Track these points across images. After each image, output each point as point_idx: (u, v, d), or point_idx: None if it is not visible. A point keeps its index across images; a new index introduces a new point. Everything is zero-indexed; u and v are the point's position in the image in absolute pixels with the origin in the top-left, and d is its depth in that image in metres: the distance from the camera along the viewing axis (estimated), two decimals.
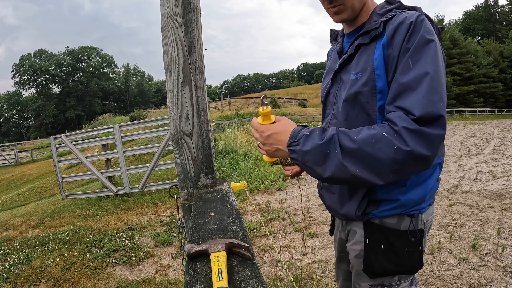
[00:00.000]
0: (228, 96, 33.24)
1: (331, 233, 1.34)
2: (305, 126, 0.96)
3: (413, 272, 1.04)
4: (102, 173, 6.95)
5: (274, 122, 0.97)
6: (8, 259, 3.88)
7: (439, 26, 1.00)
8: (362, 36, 1.01)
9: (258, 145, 1.01)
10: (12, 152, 24.56)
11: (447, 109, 27.69)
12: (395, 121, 0.81)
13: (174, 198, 1.43)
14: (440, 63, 0.86)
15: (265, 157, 1.05)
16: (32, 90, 67.07)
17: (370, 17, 1.02)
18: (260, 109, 0.98)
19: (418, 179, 0.99)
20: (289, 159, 0.98)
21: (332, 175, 0.83)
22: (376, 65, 0.93)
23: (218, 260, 0.68)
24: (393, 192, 0.98)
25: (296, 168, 1.10)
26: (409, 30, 0.88)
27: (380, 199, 1.00)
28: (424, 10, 0.97)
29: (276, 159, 1.04)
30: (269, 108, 0.98)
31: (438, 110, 0.80)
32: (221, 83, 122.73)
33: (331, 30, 1.25)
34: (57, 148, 7.11)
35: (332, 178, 0.84)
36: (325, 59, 1.34)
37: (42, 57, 65.90)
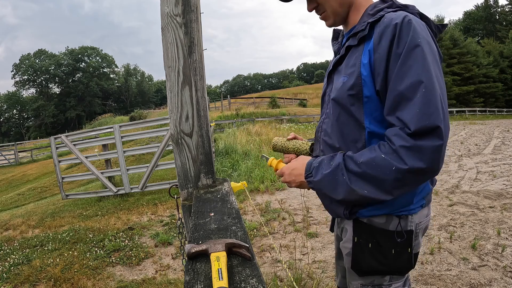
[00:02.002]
0: (228, 96, 33.25)
1: (332, 229, 1.35)
2: (316, 156, 1.05)
3: (402, 273, 1.03)
4: (102, 173, 6.95)
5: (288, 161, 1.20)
6: (8, 259, 3.88)
7: (439, 23, 0.98)
8: (351, 37, 1.01)
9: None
10: (12, 152, 24.56)
11: (447, 109, 27.74)
12: (393, 140, 0.84)
13: (174, 198, 1.43)
14: (432, 67, 0.84)
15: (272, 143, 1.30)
16: (32, 90, 67.18)
17: (361, 17, 1.02)
18: (268, 163, 1.26)
19: None
20: (289, 148, 1.25)
21: (344, 198, 0.92)
22: (363, 70, 0.93)
23: (218, 260, 0.68)
24: None
25: (293, 156, 1.25)
26: (395, 33, 0.87)
27: None
28: (425, 10, 0.96)
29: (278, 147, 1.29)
30: (273, 158, 1.26)
31: (433, 122, 0.80)
32: (221, 83, 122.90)
33: (334, 30, 1.26)
34: (57, 148, 7.11)
35: (345, 200, 0.93)
36: (325, 59, 1.35)
37: (42, 57, 65.90)
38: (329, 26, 1.09)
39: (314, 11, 1.08)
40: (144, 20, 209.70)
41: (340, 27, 1.19)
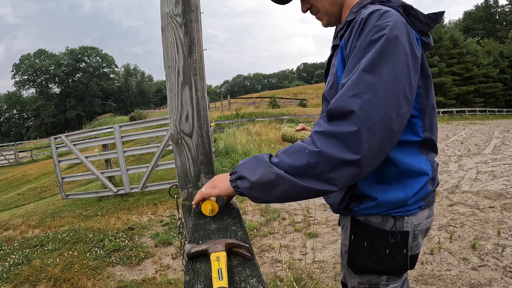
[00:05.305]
0: (228, 96, 33.29)
1: (340, 223, 1.35)
2: None
3: (396, 274, 1.02)
4: (102, 173, 6.95)
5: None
6: (8, 259, 3.88)
7: (431, 13, 0.93)
8: (336, 37, 1.03)
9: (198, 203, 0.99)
10: (12, 152, 24.56)
11: (447, 109, 27.76)
12: (312, 129, 0.83)
13: (174, 198, 1.43)
14: (383, 64, 0.77)
15: None
16: (32, 90, 67.18)
17: (347, 16, 1.00)
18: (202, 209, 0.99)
19: (400, 179, 0.96)
20: (297, 138, 1.23)
21: (259, 177, 0.82)
22: (338, 67, 0.94)
23: (218, 260, 0.68)
24: (374, 189, 0.97)
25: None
26: (358, 28, 0.85)
27: (362, 193, 0.98)
28: (426, 10, 0.92)
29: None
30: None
31: (348, 105, 0.75)
32: (221, 83, 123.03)
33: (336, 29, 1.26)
34: (57, 148, 7.11)
35: (258, 181, 0.83)
36: (326, 59, 1.35)
37: (42, 57, 65.90)
38: (325, 26, 1.09)
39: (308, 11, 1.08)
40: (144, 19, 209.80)
41: None
